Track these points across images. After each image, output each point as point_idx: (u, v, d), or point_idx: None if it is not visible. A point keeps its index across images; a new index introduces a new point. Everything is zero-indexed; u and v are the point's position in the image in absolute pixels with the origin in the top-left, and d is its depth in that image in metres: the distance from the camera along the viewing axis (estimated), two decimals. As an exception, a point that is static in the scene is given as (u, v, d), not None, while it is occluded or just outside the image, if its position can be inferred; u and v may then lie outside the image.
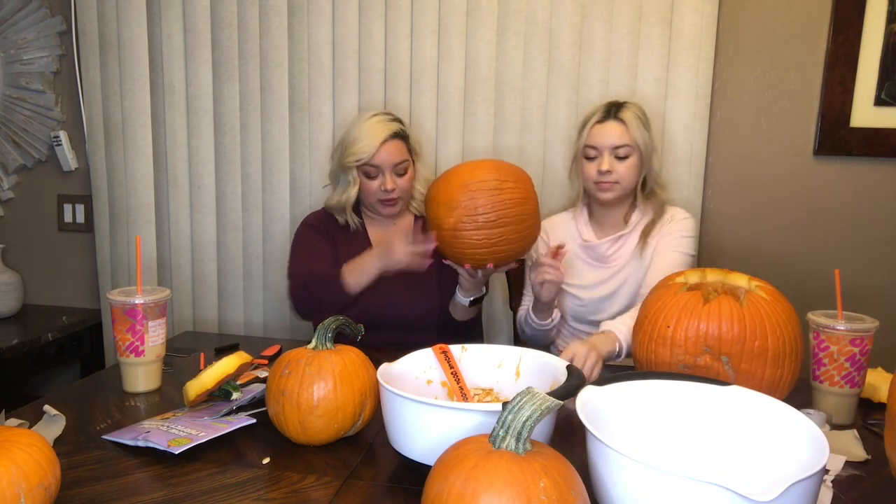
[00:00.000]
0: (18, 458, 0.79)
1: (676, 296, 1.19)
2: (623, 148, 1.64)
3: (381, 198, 1.71)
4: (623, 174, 1.65)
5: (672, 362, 1.16)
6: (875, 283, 2.00)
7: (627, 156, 1.64)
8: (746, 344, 1.12)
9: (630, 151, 1.64)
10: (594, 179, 1.66)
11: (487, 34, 2.00)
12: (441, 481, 0.75)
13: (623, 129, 1.63)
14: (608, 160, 1.64)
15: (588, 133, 1.66)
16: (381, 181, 1.69)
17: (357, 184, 1.72)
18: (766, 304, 1.15)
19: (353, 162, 1.68)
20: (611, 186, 1.66)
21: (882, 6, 1.89)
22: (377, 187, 1.69)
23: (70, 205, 2.41)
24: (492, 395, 1.16)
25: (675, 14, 1.93)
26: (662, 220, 1.71)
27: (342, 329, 1.15)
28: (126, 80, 2.16)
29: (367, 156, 1.66)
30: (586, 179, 1.69)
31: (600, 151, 1.65)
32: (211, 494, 0.94)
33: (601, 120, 1.65)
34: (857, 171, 1.99)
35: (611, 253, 1.72)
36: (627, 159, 1.64)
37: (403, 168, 1.71)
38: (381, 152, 1.66)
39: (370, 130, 1.67)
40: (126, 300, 1.28)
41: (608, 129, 1.64)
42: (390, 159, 1.68)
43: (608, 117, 1.65)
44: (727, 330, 1.12)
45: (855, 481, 1.02)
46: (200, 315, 2.29)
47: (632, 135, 1.63)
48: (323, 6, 2.05)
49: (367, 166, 1.68)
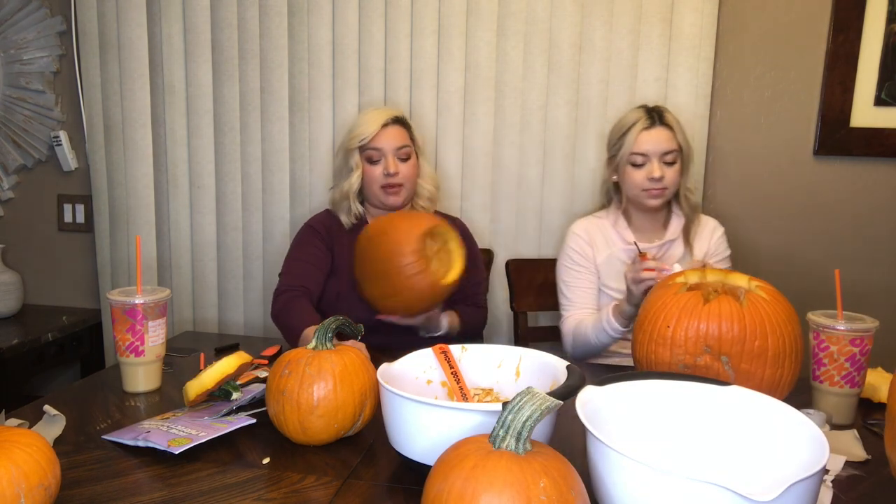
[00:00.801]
0: (18, 458, 0.79)
1: (676, 296, 1.20)
2: (671, 153, 1.63)
3: (384, 183, 1.70)
4: (671, 179, 1.65)
5: (672, 362, 1.16)
6: (875, 283, 2.00)
7: (674, 161, 1.65)
8: (746, 344, 1.12)
9: (677, 157, 1.65)
10: (643, 186, 1.65)
11: (487, 34, 2.00)
12: (441, 481, 0.75)
13: (671, 135, 1.64)
14: (658, 166, 1.63)
15: (636, 140, 1.64)
16: (384, 165, 1.69)
17: (360, 169, 1.71)
18: (766, 304, 1.15)
19: (355, 143, 1.69)
20: (661, 192, 1.65)
21: (882, 6, 1.89)
22: (380, 173, 1.69)
23: (70, 205, 2.41)
24: (492, 395, 1.16)
25: (675, 14, 1.94)
26: (699, 226, 1.73)
27: (342, 329, 1.15)
28: (126, 80, 2.16)
29: (368, 136, 1.68)
30: (633, 187, 1.66)
31: (649, 158, 1.64)
32: (211, 494, 0.94)
33: (648, 126, 1.64)
34: (857, 171, 1.99)
35: (658, 256, 1.71)
36: (674, 164, 1.65)
37: (406, 153, 1.71)
38: (383, 134, 1.68)
39: (372, 115, 1.73)
40: (126, 300, 1.28)
41: (657, 136, 1.63)
42: (392, 142, 1.69)
43: (655, 123, 1.64)
44: (727, 330, 1.12)
45: (855, 481, 1.02)
46: (200, 315, 2.29)
47: (678, 139, 1.64)
48: (323, 6, 2.05)
49: (370, 150, 1.69)
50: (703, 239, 1.74)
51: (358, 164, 1.72)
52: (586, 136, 2.03)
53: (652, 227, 1.74)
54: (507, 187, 2.09)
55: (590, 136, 2.03)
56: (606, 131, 2.01)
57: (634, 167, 1.66)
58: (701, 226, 1.75)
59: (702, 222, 1.76)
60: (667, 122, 1.65)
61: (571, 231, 1.76)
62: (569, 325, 1.71)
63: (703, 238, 1.74)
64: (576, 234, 1.75)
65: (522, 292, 1.98)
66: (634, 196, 1.68)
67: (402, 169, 1.70)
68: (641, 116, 1.66)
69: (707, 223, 1.76)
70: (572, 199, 2.07)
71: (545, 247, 2.10)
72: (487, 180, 2.08)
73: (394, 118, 1.72)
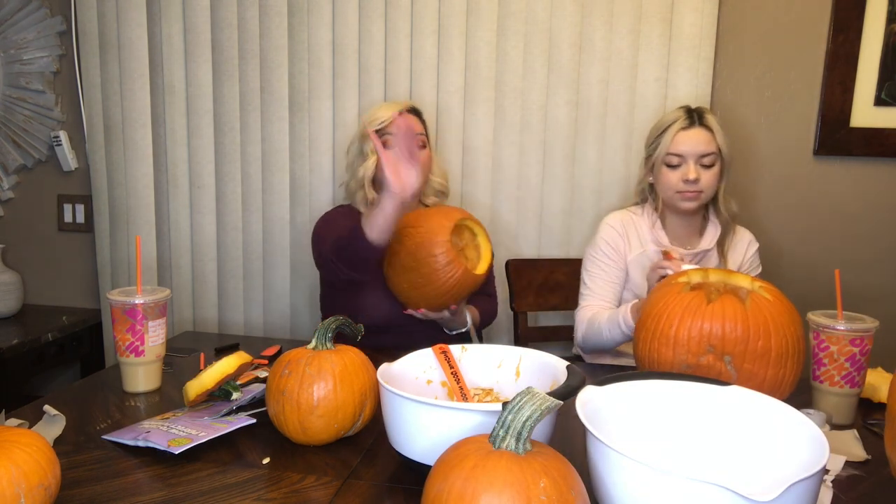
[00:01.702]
0: (18, 458, 0.79)
1: (679, 295, 1.19)
2: (709, 156, 1.59)
3: None
4: (707, 183, 1.60)
5: (675, 362, 1.16)
6: (875, 283, 2.00)
7: (713, 164, 1.60)
8: (750, 344, 1.12)
9: (715, 160, 1.60)
10: (677, 188, 1.61)
11: (487, 34, 2.00)
12: (441, 481, 0.75)
13: (710, 137, 1.60)
14: (694, 168, 1.59)
15: (672, 140, 1.60)
16: None
17: (375, 156, 1.68)
18: (769, 304, 1.15)
19: (374, 126, 1.67)
20: (695, 196, 1.61)
21: (882, 6, 1.89)
22: None
23: (70, 205, 2.41)
24: (492, 395, 1.16)
25: (675, 14, 1.94)
26: (735, 237, 1.69)
27: (342, 329, 1.15)
28: (126, 80, 2.16)
29: (387, 119, 1.68)
30: (668, 188, 1.63)
31: (685, 159, 1.60)
32: (211, 494, 0.94)
33: (686, 127, 1.60)
34: (857, 171, 1.99)
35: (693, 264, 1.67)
36: (712, 168, 1.61)
37: (421, 141, 1.70)
38: (399, 120, 1.67)
39: (387, 104, 1.75)
40: (126, 300, 1.28)
41: (695, 137, 1.59)
42: None
43: (693, 124, 1.60)
44: (731, 330, 1.12)
45: (855, 481, 1.02)
46: (200, 315, 2.29)
47: (718, 142, 1.60)
48: (323, 6, 2.05)
49: (386, 134, 1.68)
50: (737, 252, 1.70)
51: (373, 150, 1.69)
52: (586, 136, 2.03)
53: (686, 233, 1.70)
54: (507, 187, 2.09)
55: (590, 136, 2.03)
56: (606, 131, 2.03)
57: (670, 168, 1.62)
58: (737, 237, 1.71)
59: (738, 234, 1.72)
60: (706, 123, 1.61)
61: (605, 222, 1.71)
62: (584, 314, 1.67)
63: (738, 251, 1.70)
64: (610, 226, 1.70)
65: (522, 292, 1.98)
66: (668, 198, 1.65)
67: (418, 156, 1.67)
68: (681, 116, 1.62)
69: (743, 236, 1.72)
70: (572, 199, 2.07)
71: (545, 247, 2.10)
72: (487, 180, 2.09)
73: (409, 108, 1.74)
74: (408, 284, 1.56)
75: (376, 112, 1.72)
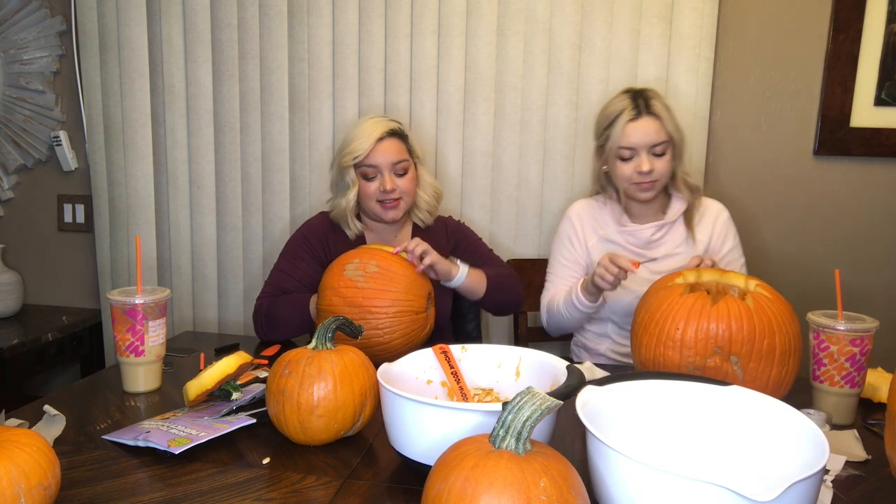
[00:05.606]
0: (18, 458, 0.79)
1: (682, 297, 1.19)
2: (660, 145, 1.58)
3: (381, 198, 1.64)
4: (662, 171, 1.60)
5: (682, 364, 1.16)
6: (875, 283, 2.00)
7: (664, 152, 1.60)
8: (756, 343, 1.12)
9: (666, 147, 1.60)
10: (633, 180, 1.61)
11: (487, 34, 2.00)
12: (441, 481, 0.75)
13: (658, 126, 1.58)
14: (647, 160, 1.58)
15: (622, 133, 1.58)
16: (380, 182, 1.63)
17: (356, 186, 1.66)
18: (770, 303, 1.15)
19: (349, 161, 1.63)
20: (651, 185, 1.61)
21: (882, 6, 1.89)
22: (376, 188, 1.63)
23: (70, 205, 2.41)
24: (492, 395, 1.16)
25: (675, 14, 1.94)
26: (702, 209, 1.70)
27: (342, 329, 1.15)
28: (126, 80, 2.16)
29: (363, 153, 1.61)
30: (623, 180, 1.62)
31: (637, 151, 1.59)
32: (211, 494, 0.94)
33: (634, 118, 1.58)
34: (857, 171, 1.99)
35: (656, 238, 1.68)
36: (664, 156, 1.60)
37: (403, 168, 1.65)
38: (378, 150, 1.62)
39: (365, 129, 1.64)
40: (126, 300, 1.28)
41: (644, 127, 1.57)
42: (388, 157, 1.63)
43: (640, 114, 1.58)
44: (737, 330, 1.12)
45: (855, 481, 1.02)
46: (200, 315, 2.29)
47: (667, 129, 1.59)
48: (323, 6, 2.05)
49: (365, 167, 1.63)
50: (706, 221, 1.69)
51: (354, 181, 1.66)
52: (586, 136, 2.03)
53: (651, 211, 1.71)
54: (507, 187, 2.09)
55: (590, 136, 2.01)
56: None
57: (622, 161, 1.61)
58: (704, 207, 1.70)
59: (705, 205, 1.71)
60: (654, 110, 1.58)
61: (567, 213, 1.78)
62: (544, 298, 1.74)
63: (707, 220, 1.69)
64: (571, 216, 1.76)
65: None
66: (625, 189, 1.65)
67: (400, 184, 1.64)
68: (627, 106, 1.59)
69: (710, 206, 1.71)
70: (572, 199, 2.06)
71: (545, 247, 2.10)
72: (487, 180, 2.08)
73: (389, 131, 1.64)
74: None
75: (354, 140, 1.64)
